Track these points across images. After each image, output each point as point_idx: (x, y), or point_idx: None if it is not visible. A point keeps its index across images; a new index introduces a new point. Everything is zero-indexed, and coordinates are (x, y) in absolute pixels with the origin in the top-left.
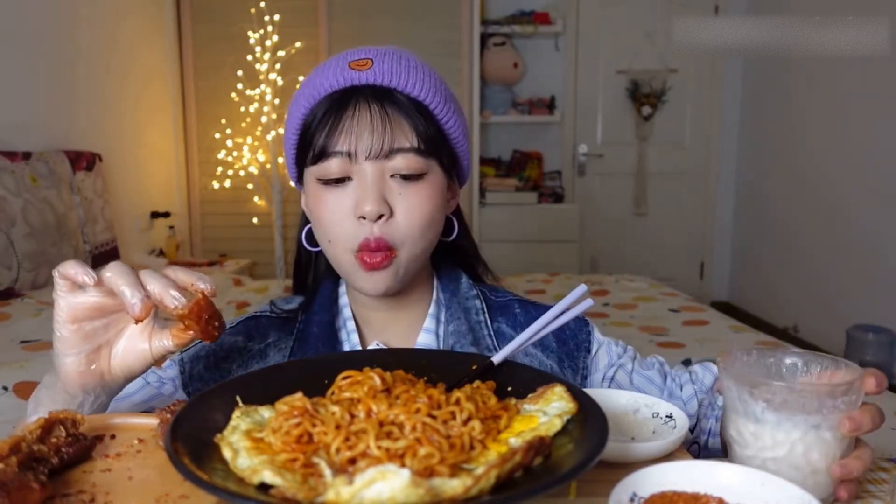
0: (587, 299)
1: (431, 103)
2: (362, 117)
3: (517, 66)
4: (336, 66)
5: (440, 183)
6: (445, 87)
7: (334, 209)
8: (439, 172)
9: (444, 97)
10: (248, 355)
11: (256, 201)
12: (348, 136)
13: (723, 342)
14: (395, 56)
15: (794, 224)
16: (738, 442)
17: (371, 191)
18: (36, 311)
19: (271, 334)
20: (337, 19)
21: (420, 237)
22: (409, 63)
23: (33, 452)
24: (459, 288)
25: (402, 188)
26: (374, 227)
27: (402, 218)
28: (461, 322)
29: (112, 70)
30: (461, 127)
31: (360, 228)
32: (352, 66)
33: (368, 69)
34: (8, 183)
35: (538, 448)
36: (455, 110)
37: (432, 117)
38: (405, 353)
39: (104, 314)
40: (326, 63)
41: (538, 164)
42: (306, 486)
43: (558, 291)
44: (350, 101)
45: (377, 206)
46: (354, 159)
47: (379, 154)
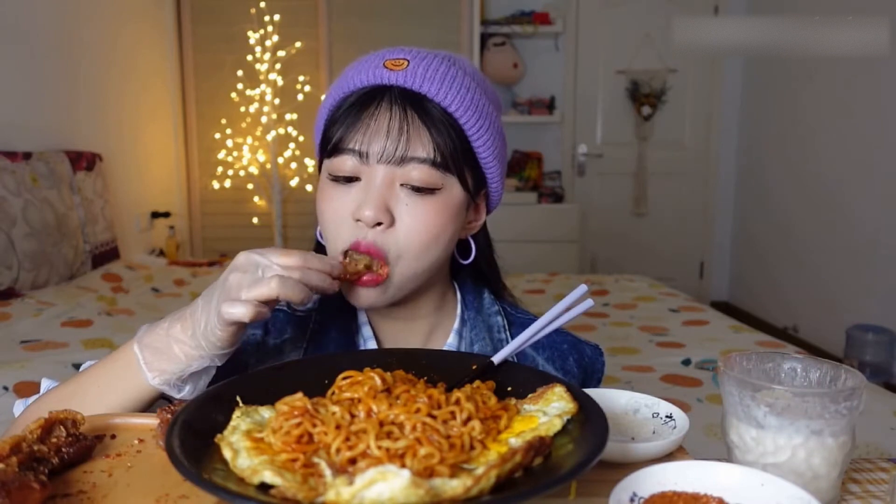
0: (587, 299)
1: (462, 117)
2: (381, 118)
3: (517, 67)
4: (372, 63)
5: (456, 201)
6: (487, 104)
7: (336, 207)
8: (458, 190)
9: (481, 114)
10: (264, 350)
11: (256, 201)
12: (364, 136)
13: (722, 342)
14: (437, 61)
15: (793, 224)
16: (739, 447)
17: (374, 196)
18: (36, 311)
19: (288, 330)
20: (337, 19)
21: (420, 253)
22: (450, 71)
23: (34, 452)
24: (483, 304)
25: (409, 199)
26: (370, 233)
27: (403, 230)
28: (486, 342)
29: (112, 70)
30: (494, 148)
31: (356, 231)
32: (387, 64)
33: (401, 70)
34: (8, 183)
35: (538, 448)
36: (490, 129)
37: (461, 132)
38: (405, 353)
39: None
40: (366, 57)
41: (538, 164)
42: (306, 487)
43: (558, 291)
44: (374, 100)
45: (376, 212)
46: (366, 160)
47: (391, 159)
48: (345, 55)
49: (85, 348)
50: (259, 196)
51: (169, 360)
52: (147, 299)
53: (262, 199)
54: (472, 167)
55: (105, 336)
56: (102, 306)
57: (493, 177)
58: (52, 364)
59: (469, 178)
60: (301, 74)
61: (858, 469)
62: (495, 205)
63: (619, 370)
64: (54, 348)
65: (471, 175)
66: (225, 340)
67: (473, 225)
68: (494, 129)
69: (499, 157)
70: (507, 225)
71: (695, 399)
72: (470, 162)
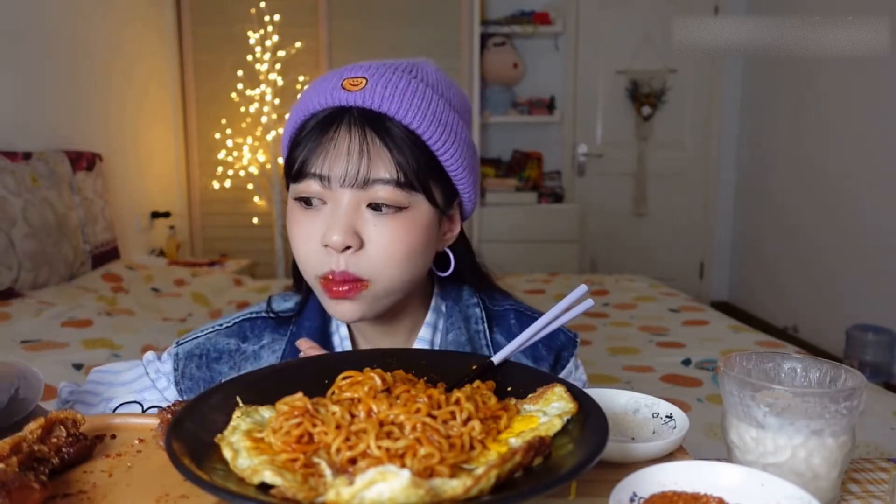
0: (587, 299)
1: (425, 133)
2: (341, 142)
3: (517, 67)
4: (330, 83)
5: (425, 218)
6: (452, 115)
7: (305, 234)
8: (425, 207)
9: (445, 127)
10: (242, 357)
11: (256, 201)
12: (325, 160)
13: (722, 342)
14: (396, 76)
15: (793, 224)
16: (738, 447)
17: (340, 220)
18: (36, 311)
19: (266, 335)
20: (337, 19)
21: (395, 270)
22: (410, 86)
23: (34, 452)
24: (461, 295)
25: (376, 220)
26: (341, 259)
27: (374, 251)
28: (461, 332)
29: (112, 70)
30: (463, 159)
31: (327, 257)
32: (344, 84)
33: (359, 91)
34: (8, 183)
35: (538, 448)
36: (457, 142)
37: (425, 148)
38: (405, 353)
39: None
40: (326, 76)
41: (538, 164)
42: (307, 486)
43: (558, 291)
44: (335, 122)
45: (344, 237)
46: (329, 184)
47: (354, 183)
48: (345, 55)
49: (85, 348)
50: (259, 196)
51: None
52: (147, 299)
53: (262, 199)
54: (441, 181)
55: (105, 336)
56: (102, 306)
57: (465, 187)
58: (52, 364)
59: (437, 192)
60: (301, 74)
61: (858, 469)
62: (469, 213)
63: (619, 370)
64: (54, 348)
65: (440, 189)
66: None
67: (449, 237)
68: (461, 140)
69: (468, 167)
70: (507, 225)
71: (695, 399)
72: (437, 176)
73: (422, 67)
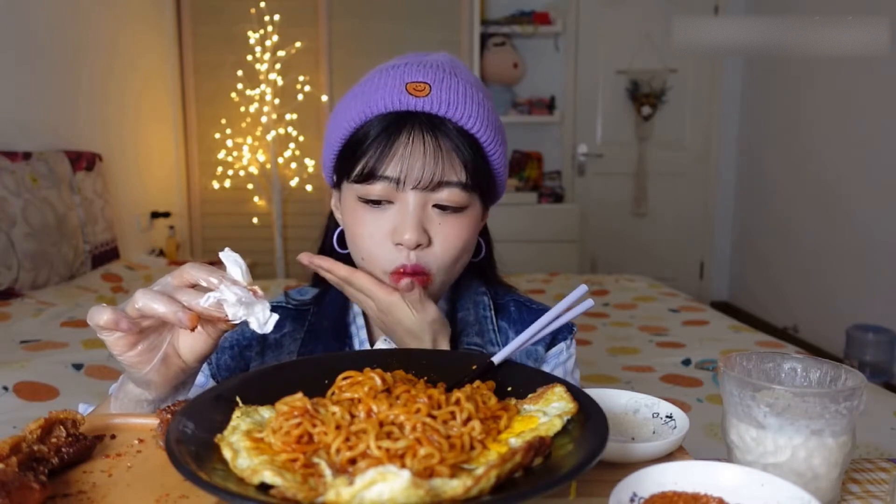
0: (587, 299)
1: (483, 137)
2: (416, 147)
3: (517, 67)
4: (392, 85)
5: (478, 214)
6: (495, 115)
7: (372, 232)
8: (479, 204)
9: (494, 128)
10: (265, 345)
11: (256, 201)
12: (399, 164)
13: (722, 342)
14: (453, 82)
15: (793, 224)
16: (739, 447)
17: (412, 220)
18: (36, 311)
19: (286, 325)
20: (337, 19)
21: (454, 265)
22: (466, 92)
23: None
24: (472, 285)
25: (441, 218)
26: (412, 255)
27: (440, 247)
28: (469, 312)
29: (112, 70)
30: (504, 156)
31: (396, 254)
32: (409, 89)
33: (426, 96)
34: (8, 183)
35: (538, 448)
36: (502, 141)
37: (481, 150)
38: (405, 353)
39: (154, 329)
40: (380, 76)
41: (538, 164)
42: (306, 487)
43: (558, 291)
44: (405, 126)
45: (417, 235)
46: (401, 187)
47: (427, 186)
48: (345, 55)
49: (85, 348)
50: (259, 196)
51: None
52: None
53: (262, 199)
54: (488, 177)
55: None
56: None
57: (502, 181)
58: (52, 364)
59: (486, 190)
60: (301, 74)
61: (858, 469)
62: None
63: (619, 370)
64: (54, 348)
65: (487, 187)
66: (137, 368)
67: (482, 223)
68: (503, 137)
69: (506, 163)
70: (507, 225)
71: (695, 399)
72: (487, 174)
73: (460, 68)
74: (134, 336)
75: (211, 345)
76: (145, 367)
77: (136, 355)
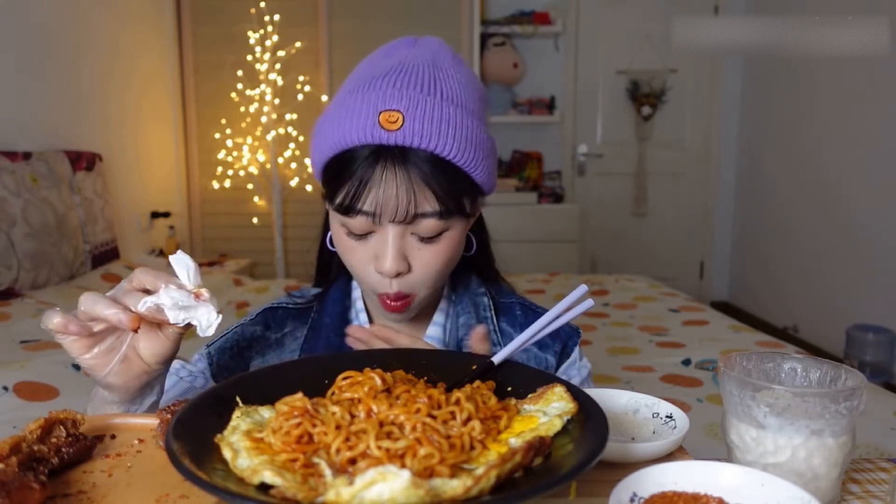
0: (587, 299)
1: (460, 159)
2: (388, 182)
3: (517, 67)
4: (366, 115)
5: (460, 230)
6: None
7: (359, 258)
8: (460, 222)
9: (475, 145)
10: (266, 344)
11: (256, 201)
12: (374, 200)
13: (722, 342)
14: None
15: (793, 224)
16: (739, 447)
17: (391, 252)
18: (36, 311)
19: (288, 324)
20: (337, 19)
21: (438, 281)
22: (442, 115)
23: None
24: (470, 285)
25: (421, 245)
26: (394, 283)
27: (421, 271)
28: (471, 316)
29: (112, 70)
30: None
31: (381, 279)
32: (382, 121)
33: (398, 129)
34: (8, 183)
35: (538, 448)
36: (486, 154)
37: (459, 172)
38: (405, 353)
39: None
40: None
41: (538, 164)
42: (306, 487)
43: (558, 291)
44: (378, 160)
45: (396, 265)
46: (378, 220)
47: (403, 220)
48: (345, 55)
49: None
50: (259, 196)
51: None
52: None
53: (262, 199)
54: (470, 190)
55: None
56: None
57: (491, 185)
58: (52, 364)
59: (468, 203)
60: (301, 74)
61: (858, 469)
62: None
63: (619, 370)
64: (54, 348)
65: (468, 198)
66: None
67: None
68: (483, 148)
69: (491, 169)
70: (507, 225)
71: (695, 399)
72: (467, 188)
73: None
74: (88, 339)
75: (170, 347)
76: (104, 369)
77: (92, 358)
